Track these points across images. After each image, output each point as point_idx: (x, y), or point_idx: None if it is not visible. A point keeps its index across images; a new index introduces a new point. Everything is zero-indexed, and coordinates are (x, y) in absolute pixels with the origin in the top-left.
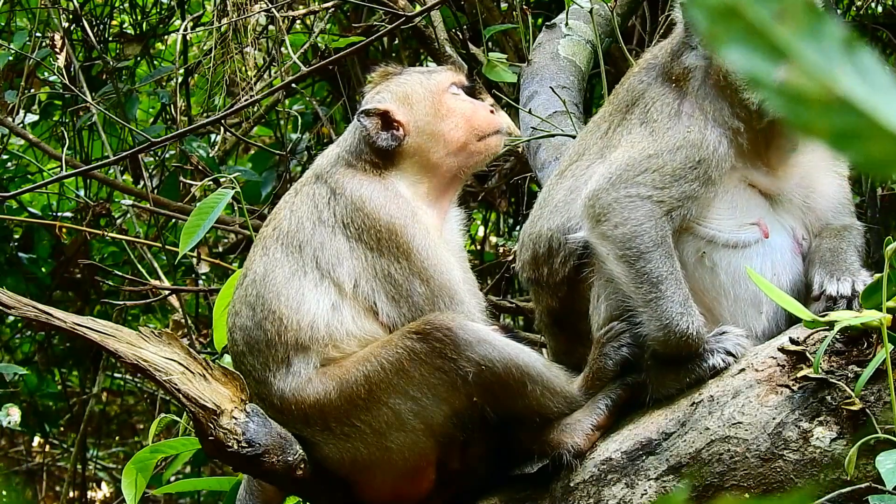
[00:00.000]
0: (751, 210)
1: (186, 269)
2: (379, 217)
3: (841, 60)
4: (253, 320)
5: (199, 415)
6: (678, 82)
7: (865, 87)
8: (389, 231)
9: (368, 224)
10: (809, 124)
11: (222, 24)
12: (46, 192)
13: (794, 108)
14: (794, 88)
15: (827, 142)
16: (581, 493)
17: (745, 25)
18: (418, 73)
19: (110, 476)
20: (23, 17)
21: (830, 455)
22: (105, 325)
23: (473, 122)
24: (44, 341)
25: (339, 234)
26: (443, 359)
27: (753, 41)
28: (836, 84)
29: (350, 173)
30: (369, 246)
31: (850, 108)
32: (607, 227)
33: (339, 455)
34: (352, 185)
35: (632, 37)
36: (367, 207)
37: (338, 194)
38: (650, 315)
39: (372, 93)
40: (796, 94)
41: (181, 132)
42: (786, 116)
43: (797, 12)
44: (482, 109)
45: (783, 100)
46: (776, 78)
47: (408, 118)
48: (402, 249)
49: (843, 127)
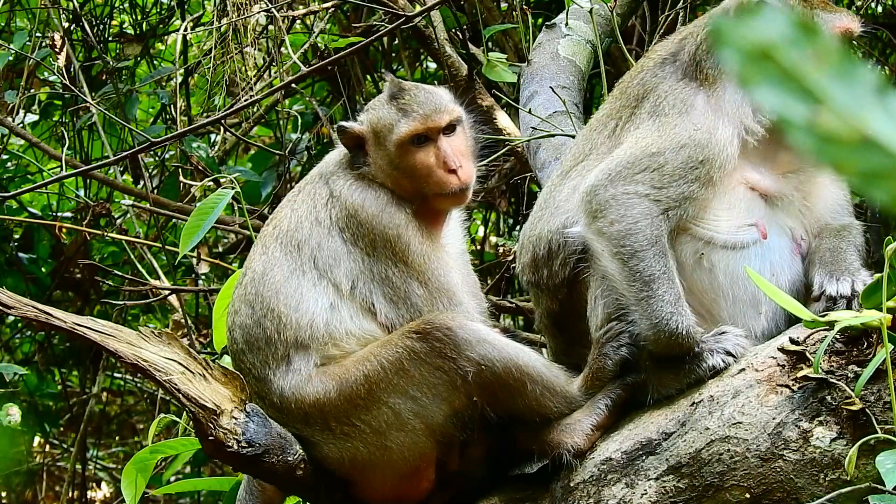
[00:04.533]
0: (749, 211)
1: (186, 269)
2: (373, 226)
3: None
4: (252, 318)
5: (199, 415)
6: (704, 79)
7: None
8: (384, 239)
9: (363, 231)
10: (839, 163)
11: (222, 24)
12: (46, 192)
13: (825, 148)
14: (825, 129)
15: (855, 181)
16: (581, 493)
17: (778, 68)
18: (394, 111)
19: (110, 476)
20: (23, 17)
21: (830, 455)
22: (105, 325)
23: (428, 180)
24: (44, 341)
25: (335, 235)
26: (443, 358)
27: (785, 83)
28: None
29: (349, 177)
30: (366, 251)
31: (879, 149)
32: (603, 224)
33: (339, 455)
34: (348, 191)
35: (632, 37)
36: (360, 216)
37: (335, 198)
38: (641, 314)
39: (367, 107)
40: (827, 135)
41: (181, 132)
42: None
43: (830, 56)
44: (438, 170)
45: (814, 139)
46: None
47: (373, 150)
48: (399, 256)
49: (872, 167)
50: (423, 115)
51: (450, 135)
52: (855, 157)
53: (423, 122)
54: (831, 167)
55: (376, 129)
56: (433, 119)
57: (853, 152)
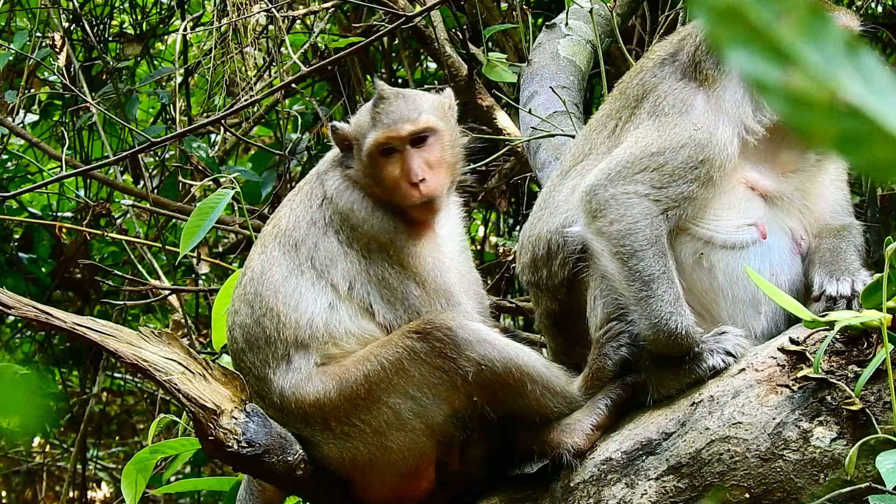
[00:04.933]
0: (749, 211)
1: (186, 269)
2: (365, 230)
3: (844, 63)
4: (251, 317)
5: (199, 415)
6: (704, 79)
7: (869, 91)
8: (378, 243)
9: (357, 235)
10: (813, 128)
11: (222, 24)
12: (46, 192)
13: (798, 111)
14: (797, 92)
15: (831, 146)
16: (581, 493)
17: (748, 27)
18: (368, 119)
19: (110, 476)
20: (23, 17)
21: (830, 455)
22: (105, 325)
23: (394, 192)
24: (44, 341)
25: (332, 237)
26: (443, 358)
27: (756, 43)
28: (840, 88)
29: (340, 177)
30: (361, 253)
31: (854, 112)
32: (603, 224)
33: (339, 455)
34: (339, 194)
35: (632, 37)
36: (351, 220)
37: (328, 199)
38: (641, 313)
39: (359, 109)
40: (800, 98)
41: (181, 132)
42: (789, 119)
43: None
44: (402, 181)
45: (787, 103)
46: (780, 81)
47: (356, 154)
48: (394, 258)
49: (847, 131)
50: (387, 125)
51: (420, 146)
52: (828, 119)
53: (386, 132)
54: (806, 132)
55: (356, 135)
56: (395, 129)
57: (826, 114)
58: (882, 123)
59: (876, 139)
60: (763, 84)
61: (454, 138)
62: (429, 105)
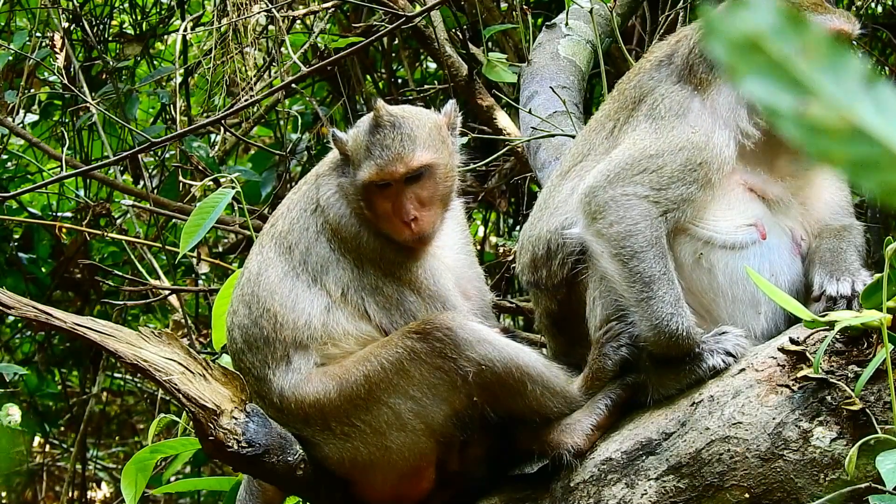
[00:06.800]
0: (748, 211)
1: (186, 269)
2: (355, 244)
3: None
4: (250, 318)
5: (199, 415)
6: (698, 83)
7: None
8: (368, 258)
9: (348, 247)
10: (828, 154)
11: (222, 24)
12: (46, 192)
13: (813, 138)
14: (813, 120)
15: (845, 171)
16: (581, 493)
17: (767, 59)
18: (364, 148)
19: (110, 476)
20: (23, 17)
21: (830, 455)
22: (105, 325)
23: (385, 224)
24: (44, 341)
25: (324, 244)
26: (443, 358)
27: (774, 74)
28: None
29: (337, 186)
30: (354, 263)
31: (868, 139)
32: (602, 225)
33: (339, 455)
34: (332, 205)
35: (632, 37)
36: (341, 233)
37: (320, 208)
38: (641, 314)
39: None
40: (815, 126)
41: (181, 132)
42: (805, 146)
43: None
44: (394, 217)
45: (802, 130)
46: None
47: (351, 168)
48: (385, 271)
49: (861, 157)
50: (382, 163)
51: (413, 183)
52: (844, 147)
53: (380, 172)
54: (821, 158)
55: (352, 154)
56: (390, 169)
57: (842, 143)
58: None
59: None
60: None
61: (450, 167)
62: (425, 136)
